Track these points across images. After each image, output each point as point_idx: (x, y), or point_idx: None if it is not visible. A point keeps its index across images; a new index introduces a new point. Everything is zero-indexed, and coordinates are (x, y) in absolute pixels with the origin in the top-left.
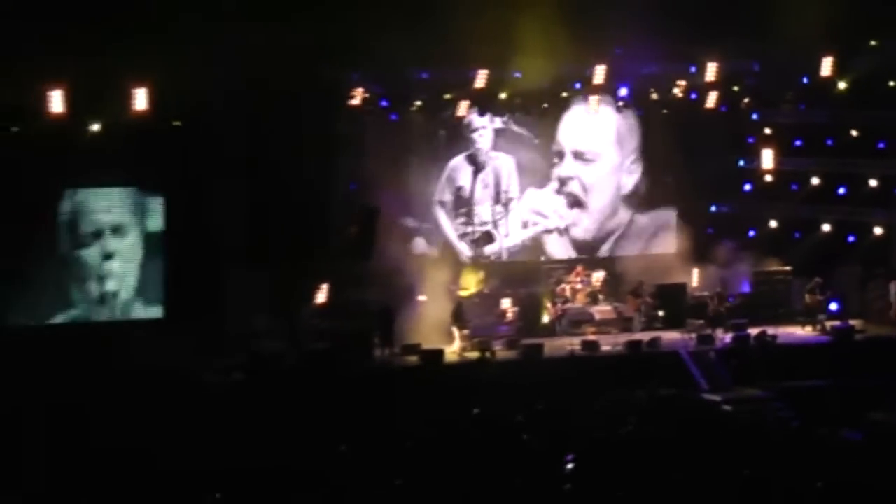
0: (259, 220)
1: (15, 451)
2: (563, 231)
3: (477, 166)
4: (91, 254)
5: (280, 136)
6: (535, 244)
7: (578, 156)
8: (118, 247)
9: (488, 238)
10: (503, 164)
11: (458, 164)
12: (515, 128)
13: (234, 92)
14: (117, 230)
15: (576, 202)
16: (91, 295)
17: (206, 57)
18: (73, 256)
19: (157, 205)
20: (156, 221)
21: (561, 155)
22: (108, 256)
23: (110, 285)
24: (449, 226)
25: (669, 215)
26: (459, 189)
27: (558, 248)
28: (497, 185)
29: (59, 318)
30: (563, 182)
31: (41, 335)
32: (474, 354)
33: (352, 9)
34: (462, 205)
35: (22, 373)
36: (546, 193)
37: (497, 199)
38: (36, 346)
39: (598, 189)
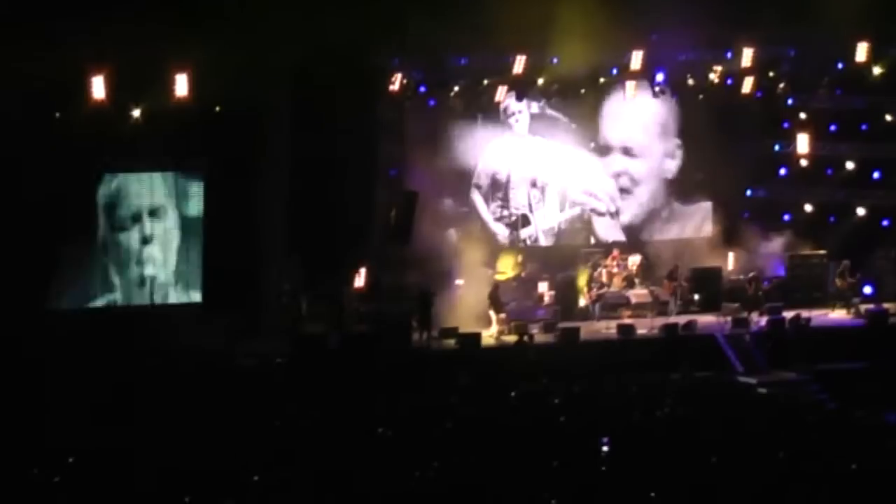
0: (299, 205)
1: (59, 431)
2: (615, 214)
3: (514, 151)
4: (130, 237)
5: (320, 122)
6: (583, 227)
7: (627, 152)
8: (157, 231)
9: (524, 221)
10: (539, 149)
11: (495, 149)
12: (552, 112)
13: (274, 78)
14: (156, 213)
15: (625, 191)
16: (130, 279)
17: (246, 43)
18: (112, 240)
19: (196, 189)
20: (195, 206)
21: (608, 150)
22: (146, 240)
23: (149, 269)
24: (485, 209)
25: (706, 200)
26: (496, 174)
27: (608, 231)
28: (534, 168)
29: (99, 302)
30: (615, 175)
31: (82, 319)
32: (512, 338)
33: None
34: (498, 188)
35: (65, 356)
36: (598, 176)
37: (534, 183)
38: (77, 330)
39: (646, 179)
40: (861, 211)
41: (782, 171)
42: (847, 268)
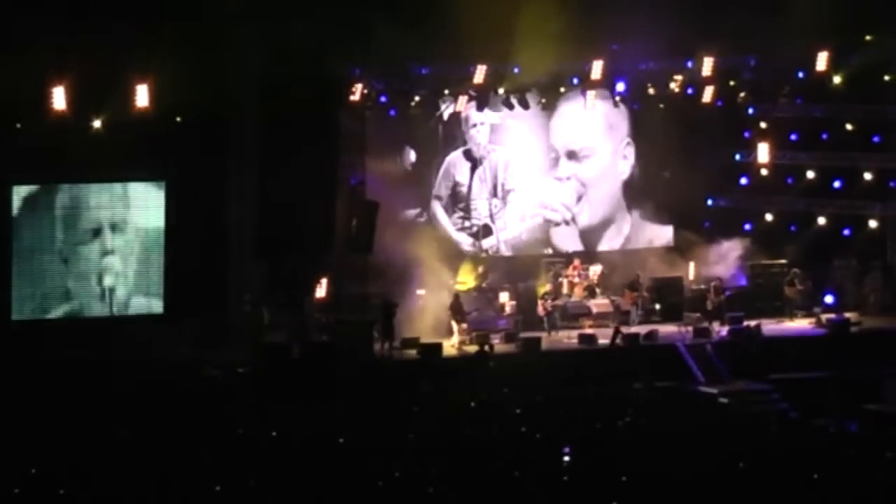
0: (261, 215)
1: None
2: (571, 222)
3: (474, 161)
4: (91, 249)
5: (282, 132)
6: (542, 236)
7: (572, 156)
8: (117, 243)
9: (486, 231)
10: (500, 158)
11: (455, 160)
12: (512, 122)
13: (237, 87)
14: (117, 226)
15: (578, 197)
16: (90, 290)
17: (208, 54)
18: (72, 251)
19: (158, 200)
20: (157, 217)
21: (555, 156)
22: (106, 252)
23: (108, 280)
24: (447, 219)
25: (666, 209)
26: (457, 184)
27: (566, 241)
28: (494, 178)
29: (57, 313)
30: (562, 181)
31: (41, 329)
32: (473, 348)
33: (353, 5)
34: (459, 199)
35: (24, 366)
36: (552, 186)
37: (494, 193)
38: (36, 340)
39: (598, 181)
40: (822, 220)
41: (743, 181)
42: (797, 275)
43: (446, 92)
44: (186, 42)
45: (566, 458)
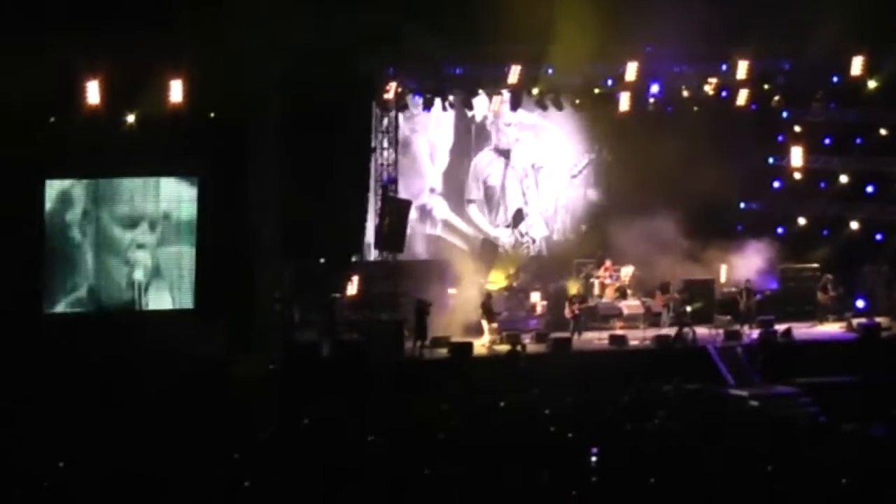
0: (292, 213)
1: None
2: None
3: (505, 157)
4: (122, 242)
5: (314, 129)
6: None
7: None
8: (149, 238)
9: (519, 216)
10: (529, 148)
11: (485, 159)
12: (544, 122)
13: (269, 84)
14: (148, 221)
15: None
16: (121, 285)
17: (242, 50)
18: (103, 244)
19: (190, 196)
20: (188, 213)
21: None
22: (138, 247)
23: (138, 275)
24: (483, 219)
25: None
26: (489, 185)
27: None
28: (524, 169)
29: (88, 306)
30: None
31: (72, 323)
32: (504, 347)
33: (387, 3)
34: (494, 197)
35: (56, 360)
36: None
37: (526, 174)
38: (68, 334)
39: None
40: (854, 225)
41: (776, 184)
42: (829, 281)
43: (480, 92)
44: (219, 39)
45: (594, 459)
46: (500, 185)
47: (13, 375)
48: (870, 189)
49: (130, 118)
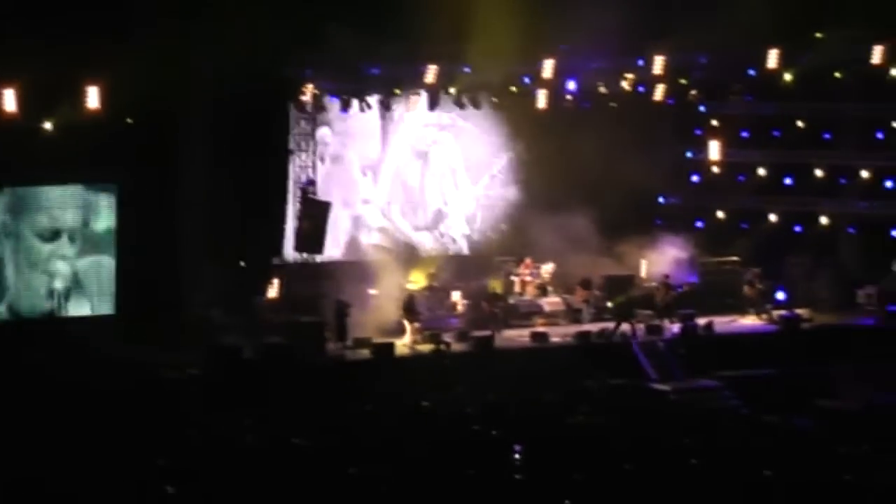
0: (212, 215)
1: None
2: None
3: (423, 159)
4: (40, 252)
5: (231, 133)
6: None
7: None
8: (68, 246)
9: (439, 216)
10: (447, 149)
11: (404, 161)
12: (462, 123)
13: (188, 89)
14: (67, 229)
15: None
16: (40, 293)
17: (158, 55)
18: (22, 254)
19: (110, 202)
20: (107, 219)
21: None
22: (56, 255)
23: (58, 283)
24: (403, 221)
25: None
26: (408, 186)
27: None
28: (443, 170)
29: (4, 313)
30: None
31: None
32: (426, 347)
33: (304, 5)
34: (413, 199)
35: None
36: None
37: (444, 180)
38: None
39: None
40: (773, 217)
41: (695, 178)
42: (756, 275)
43: (397, 92)
44: (137, 43)
45: (518, 457)
46: (419, 187)
47: None
48: (788, 181)
49: (48, 125)
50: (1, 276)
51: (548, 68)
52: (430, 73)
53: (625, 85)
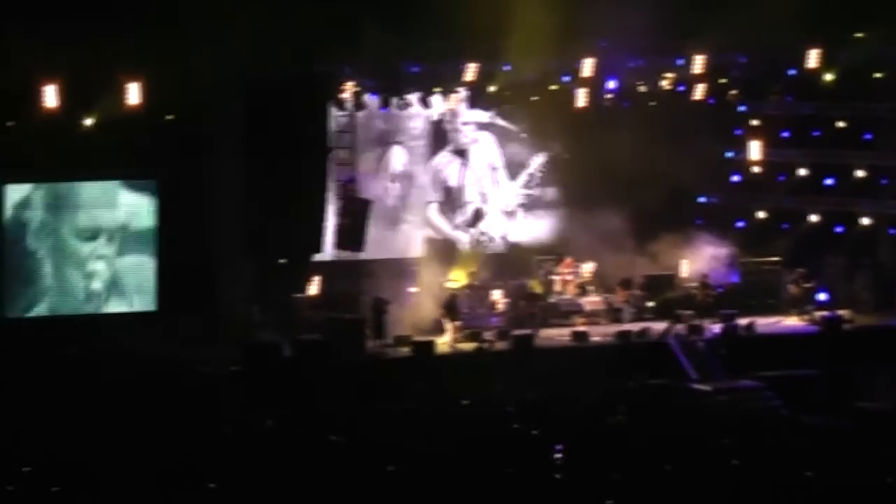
0: (253, 213)
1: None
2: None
3: (462, 157)
4: (80, 248)
5: (273, 129)
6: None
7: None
8: (107, 241)
9: (478, 215)
10: (487, 148)
11: (444, 160)
12: (501, 122)
13: (227, 85)
14: (107, 224)
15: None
16: (80, 288)
17: (199, 51)
18: (62, 251)
19: (148, 198)
20: (147, 215)
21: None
22: (96, 251)
23: (97, 285)
24: (442, 221)
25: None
26: (448, 185)
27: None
28: (482, 169)
29: (44, 310)
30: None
31: (33, 327)
32: (466, 345)
33: (343, 3)
34: (453, 197)
35: (17, 364)
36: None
37: (483, 179)
38: (29, 338)
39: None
40: (814, 217)
41: (735, 178)
42: (801, 275)
43: (437, 90)
44: (176, 40)
45: (558, 456)
46: (457, 186)
47: None
48: (828, 181)
49: (88, 122)
50: (39, 275)
51: (587, 67)
52: (470, 71)
53: (664, 84)
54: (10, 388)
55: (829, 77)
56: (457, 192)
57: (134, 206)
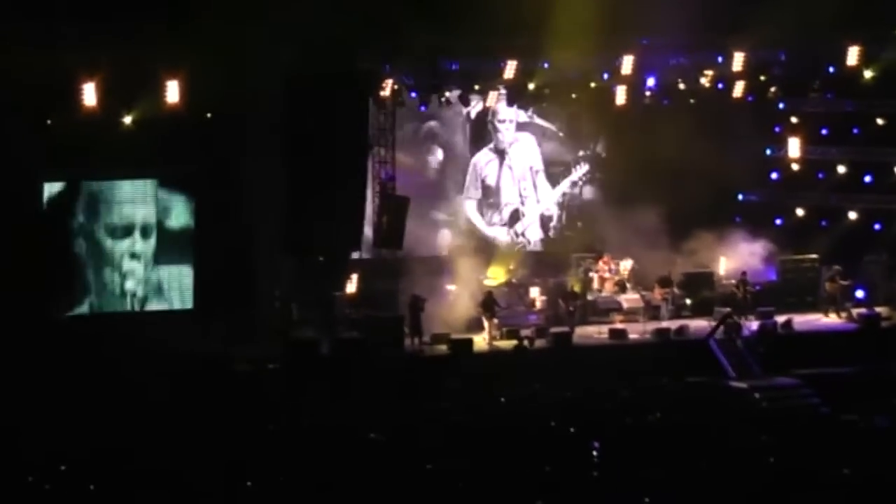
0: (291, 211)
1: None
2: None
3: (502, 157)
4: (118, 245)
5: (311, 126)
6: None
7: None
8: (145, 238)
9: (515, 215)
10: (527, 150)
11: (483, 158)
12: (539, 121)
13: (267, 83)
14: (145, 221)
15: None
16: (118, 286)
17: (238, 49)
18: (100, 248)
19: (183, 201)
20: (186, 212)
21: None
22: (133, 256)
23: (129, 284)
24: (479, 219)
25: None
26: (486, 184)
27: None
28: (522, 170)
29: (85, 309)
30: None
31: (74, 325)
32: (504, 343)
33: (384, 0)
34: (490, 196)
35: (60, 362)
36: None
37: (523, 177)
38: (69, 336)
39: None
40: (853, 215)
41: (774, 175)
42: (838, 272)
43: (476, 88)
44: (215, 37)
45: (595, 453)
46: (496, 185)
47: (19, 377)
48: (868, 179)
49: (127, 120)
50: (82, 275)
51: (627, 64)
52: (510, 69)
53: (704, 81)
54: (53, 387)
55: (868, 74)
56: (495, 191)
57: (172, 200)
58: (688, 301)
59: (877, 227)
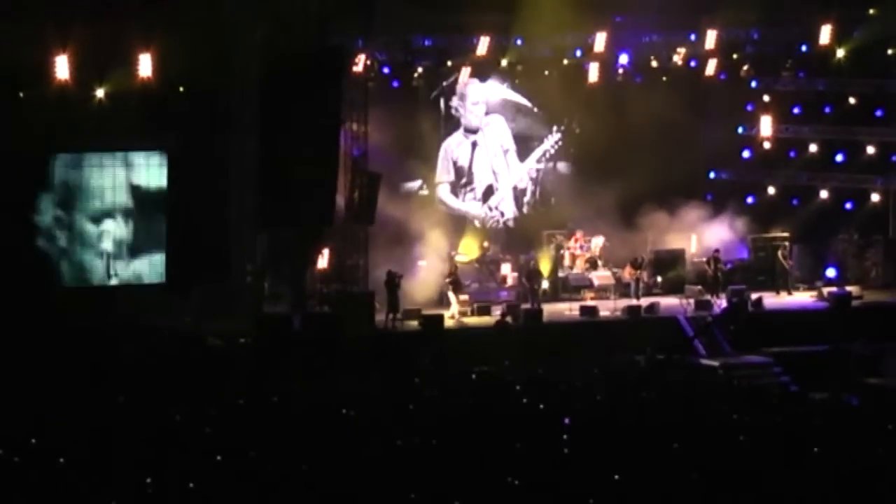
0: (262, 185)
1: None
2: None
3: (474, 136)
4: (92, 219)
5: (285, 101)
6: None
7: None
8: (118, 213)
9: (489, 191)
10: (498, 130)
11: (454, 142)
12: (513, 96)
13: (240, 58)
14: (118, 196)
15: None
16: (92, 259)
17: (210, 23)
18: (75, 222)
19: (159, 170)
20: (158, 187)
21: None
22: (108, 225)
23: (106, 244)
24: (453, 199)
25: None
26: (458, 165)
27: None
28: (494, 148)
29: (63, 280)
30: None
31: (48, 297)
32: (472, 320)
33: None
34: (463, 177)
35: (31, 333)
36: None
37: (496, 157)
38: (42, 308)
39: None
40: (824, 194)
41: (746, 154)
42: (785, 249)
43: (449, 63)
44: (189, 11)
45: (566, 431)
46: (468, 166)
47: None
48: (839, 158)
49: (100, 92)
50: (54, 252)
51: (600, 41)
52: (482, 45)
53: (677, 59)
54: (23, 362)
55: (841, 53)
56: (467, 172)
57: (145, 174)
58: (658, 279)
59: (848, 206)
